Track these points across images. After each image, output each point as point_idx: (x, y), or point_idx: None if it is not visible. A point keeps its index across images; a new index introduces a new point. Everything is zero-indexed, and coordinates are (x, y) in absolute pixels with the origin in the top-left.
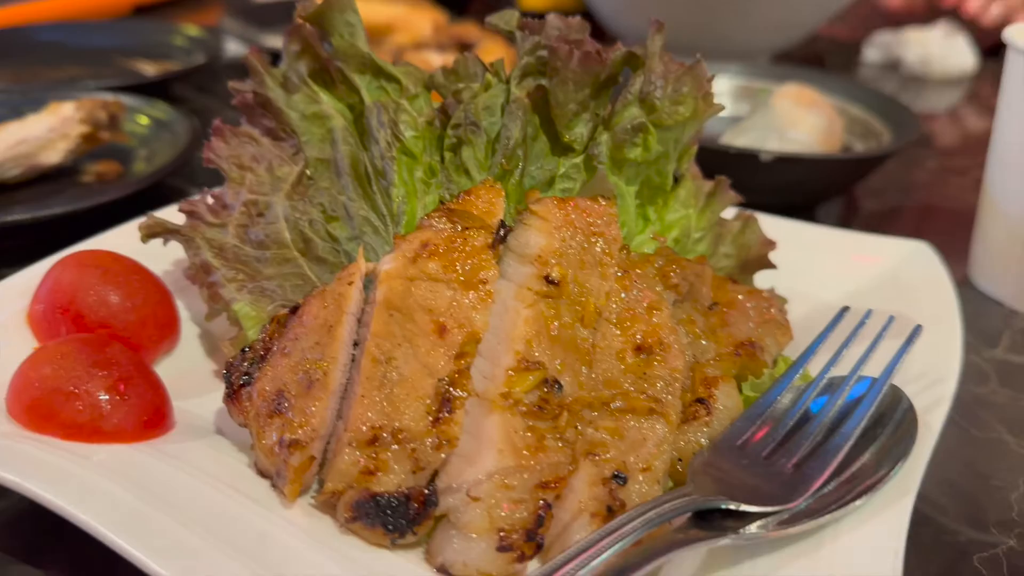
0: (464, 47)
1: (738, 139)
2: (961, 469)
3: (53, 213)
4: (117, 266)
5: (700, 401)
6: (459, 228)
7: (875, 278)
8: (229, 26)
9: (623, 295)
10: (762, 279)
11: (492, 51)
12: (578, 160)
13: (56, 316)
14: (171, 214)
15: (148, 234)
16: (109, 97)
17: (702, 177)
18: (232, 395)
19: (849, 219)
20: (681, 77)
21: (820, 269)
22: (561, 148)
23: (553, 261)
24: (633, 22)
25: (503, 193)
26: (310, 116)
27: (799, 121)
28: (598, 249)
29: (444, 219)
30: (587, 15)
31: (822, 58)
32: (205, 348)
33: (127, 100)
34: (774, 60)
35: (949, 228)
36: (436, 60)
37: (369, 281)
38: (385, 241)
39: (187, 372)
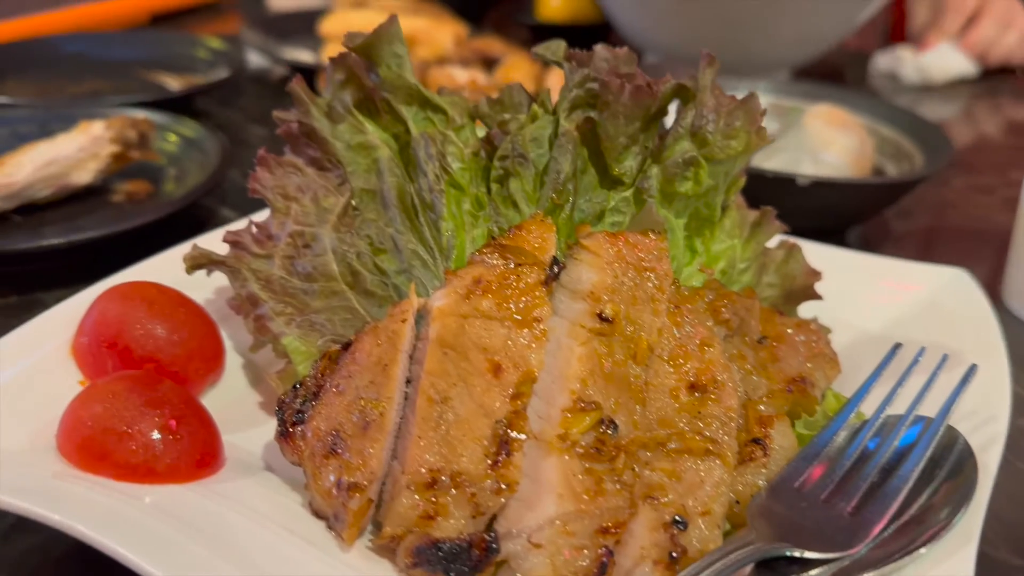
0: (488, 62)
1: (770, 160)
2: (1005, 502)
3: (88, 237)
4: (163, 298)
5: (756, 441)
6: (512, 264)
7: (914, 307)
8: (249, 37)
9: (675, 331)
10: (801, 308)
11: (517, 66)
12: (628, 193)
13: (102, 350)
14: (212, 242)
15: (193, 265)
16: (138, 115)
17: (746, 206)
18: (285, 434)
19: (879, 241)
20: (733, 111)
21: (858, 297)
22: (610, 181)
23: (606, 298)
24: (654, 34)
25: (554, 228)
26: (355, 146)
27: (831, 142)
28: (650, 285)
29: (496, 255)
30: (606, 26)
31: (840, 70)
32: (249, 378)
33: (155, 117)
34: (794, 74)
35: (977, 248)
36: (460, 76)
37: (420, 317)
38: (434, 275)
39: (232, 404)
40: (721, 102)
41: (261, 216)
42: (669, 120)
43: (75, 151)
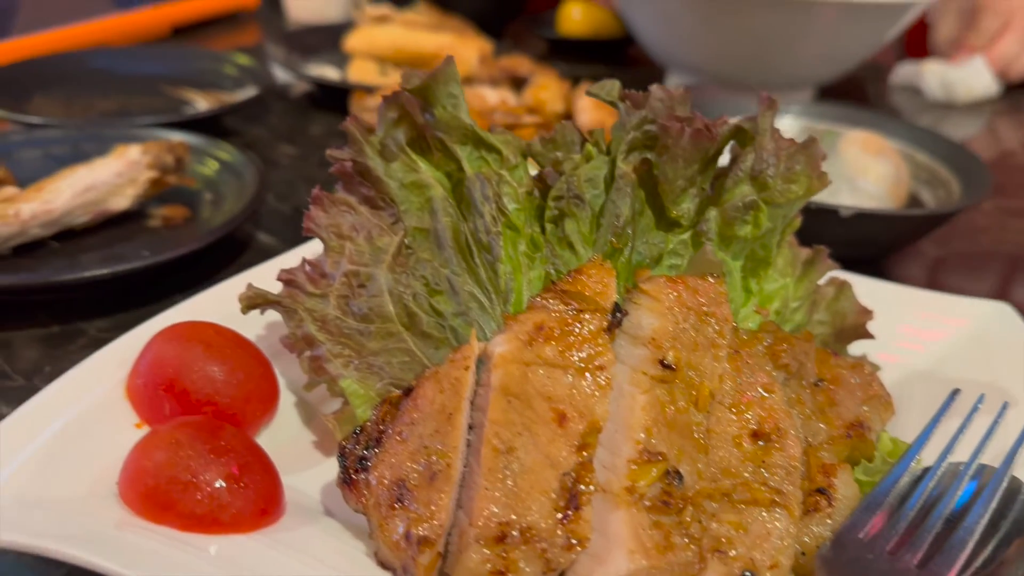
0: (516, 81)
1: None
2: None
3: (133, 267)
4: (220, 339)
5: (821, 491)
6: (573, 310)
7: (959, 342)
8: (272, 52)
9: (736, 377)
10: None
11: (545, 85)
12: (686, 236)
13: (159, 393)
14: (262, 276)
15: (249, 305)
16: (174, 138)
17: (797, 243)
18: (349, 481)
19: (914, 269)
20: (794, 154)
21: (902, 332)
22: (667, 223)
23: (668, 344)
24: (679, 52)
25: (615, 273)
26: (408, 184)
27: (868, 169)
28: (710, 330)
29: (557, 300)
30: (627, 40)
31: (860, 84)
32: (302, 416)
33: (191, 139)
34: (818, 91)
35: (1014, 274)
36: (491, 96)
37: (480, 362)
38: (492, 318)
39: (287, 444)
40: (780, 145)
41: (313, 253)
42: (723, 158)
43: (112, 177)
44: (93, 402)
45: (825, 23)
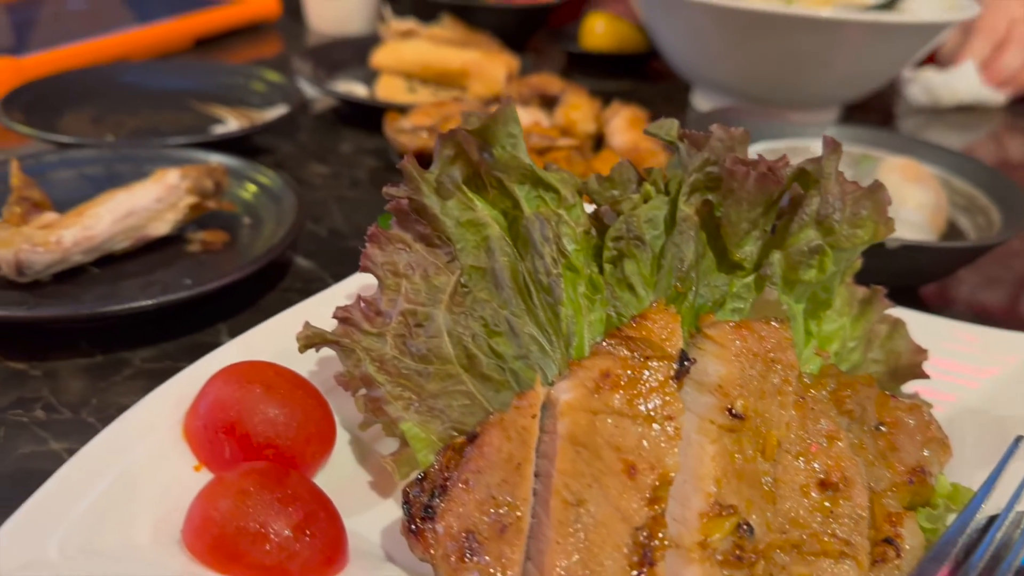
0: (546, 100)
1: None
2: None
3: (178, 298)
4: (280, 381)
5: (888, 541)
6: (640, 357)
7: (1010, 378)
8: (299, 67)
9: (801, 424)
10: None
11: (577, 105)
12: (749, 279)
13: (220, 436)
14: (314, 310)
15: (306, 345)
16: (213, 162)
17: (854, 282)
18: (415, 530)
19: (952, 297)
20: (860, 199)
21: (950, 368)
22: (729, 265)
23: (735, 392)
24: (706, 70)
25: (679, 318)
26: (465, 223)
27: (908, 198)
28: (776, 377)
29: (623, 346)
30: (650, 55)
31: (885, 100)
32: (356, 455)
33: (229, 162)
34: (843, 109)
35: None
36: (523, 117)
37: (544, 408)
38: (553, 361)
39: (344, 485)
40: (846, 189)
41: (358, 285)
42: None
43: (152, 202)
44: (152, 445)
45: (855, 43)
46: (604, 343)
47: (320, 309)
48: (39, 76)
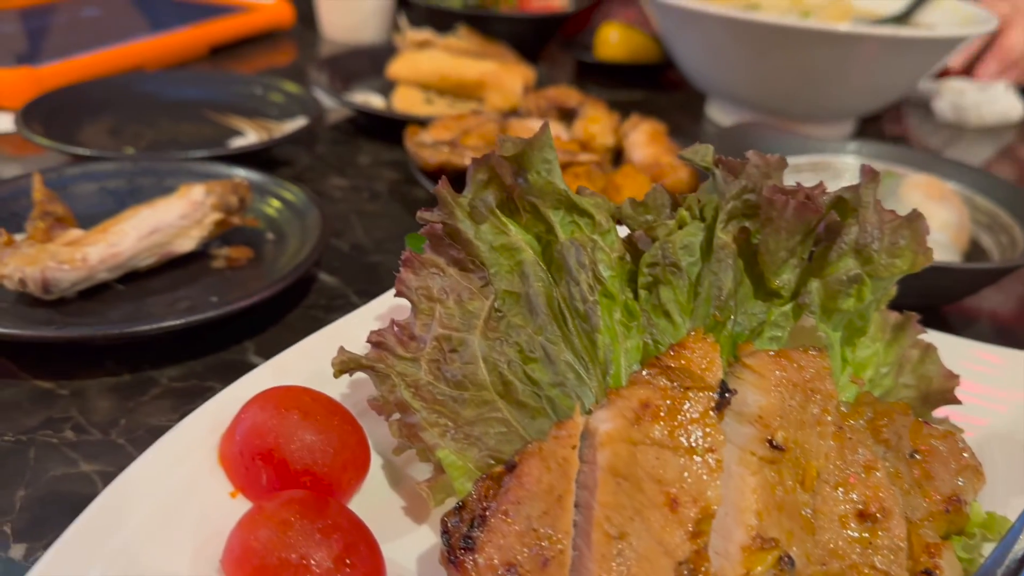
0: (564, 112)
1: None
2: None
3: (207, 318)
4: (316, 406)
5: (927, 573)
6: (680, 388)
7: None
8: (315, 78)
9: (840, 454)
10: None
11: (595, 118)
12: (787, 308)
13: (257, 463)
14: (345, 332)
15: (342, 370)
16: (237, 177)
17: (886, 307)
18: (455, 561)
19: (974, 314)
20: (898, 228)
21: (977, 390)
22: (765, 293)
23: (775, 423)
24: (723, 83)
25: (718, 348)
26: (498, 247)
27: (932, 216)
28: (815, 407)
29: (662, 376)
30: (665, 65)
31: (899, 111)
32: (388, 479)
33: (254, 177)
34: (858, 122)
35: None
36: None
37: (582, 437)
38: (589, 388)
39: (378, 511)
40: (884, 218)
41: (386, 305)
42: None
43: (177, 219)
44: (188, 471)
45: (871, 57)
46: (643, 372)
47: (350, 330)
48: (56, 86)
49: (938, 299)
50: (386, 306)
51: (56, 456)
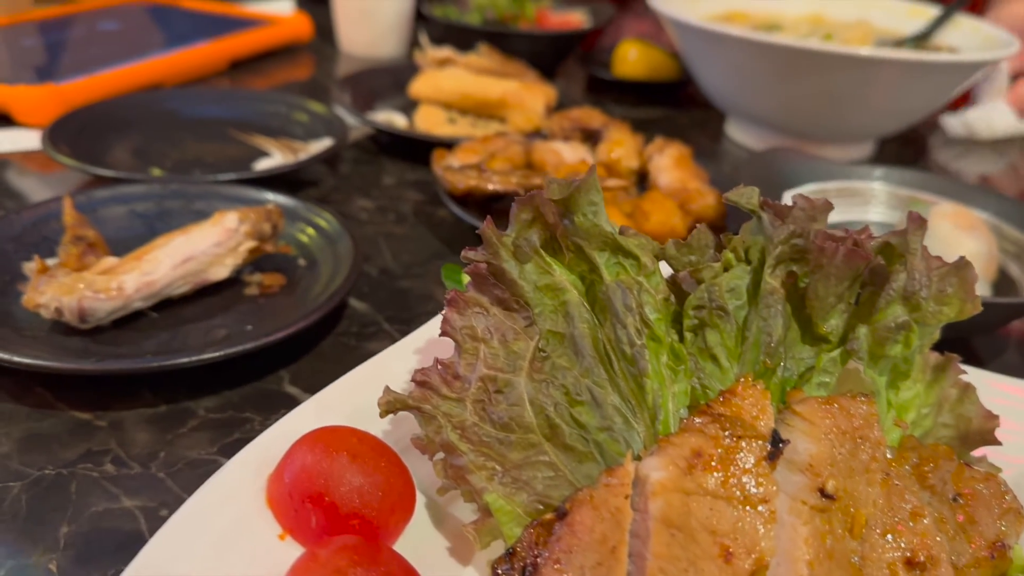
0: (588, 134)
1: None
2: None
3: (245, 349)
4: (364, 448)
5: None
6: (732, 436)
7: None
8: (337, 97)
9: (887, 501)
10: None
11: (619, 141)
12: (835, 354)
13: (306, 506)
14: (384, 368)
15: (387, 411)
16: (270, 204)
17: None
18: None
19: (1002, 345)
20: (946, 276)
21: (1013, 427)
22: (813, 338)
23: (826, 471)
24: (744, 103)
25: (769, 395)
26: (543, 287)
27: (961, 247)
28: (864, 455)
29: (714, 425)
30: (683, 83)
31: (917, 130)
32: (432, 518)
33: (289, 202)
34: (878, 143)
35: None
36: (567, 153)
37: (633, 484)
38: (637, 433)
39: (423, 551)
40: (932, 265)
41: (424, 339)
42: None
43: (212, 247)
44: (237, 514)
45: (893, 80)
46: (695, 420)
47: (390, 365)
48: (79, 103)
49: (968, 332)
50: (423, 339)
51: (97, 490)
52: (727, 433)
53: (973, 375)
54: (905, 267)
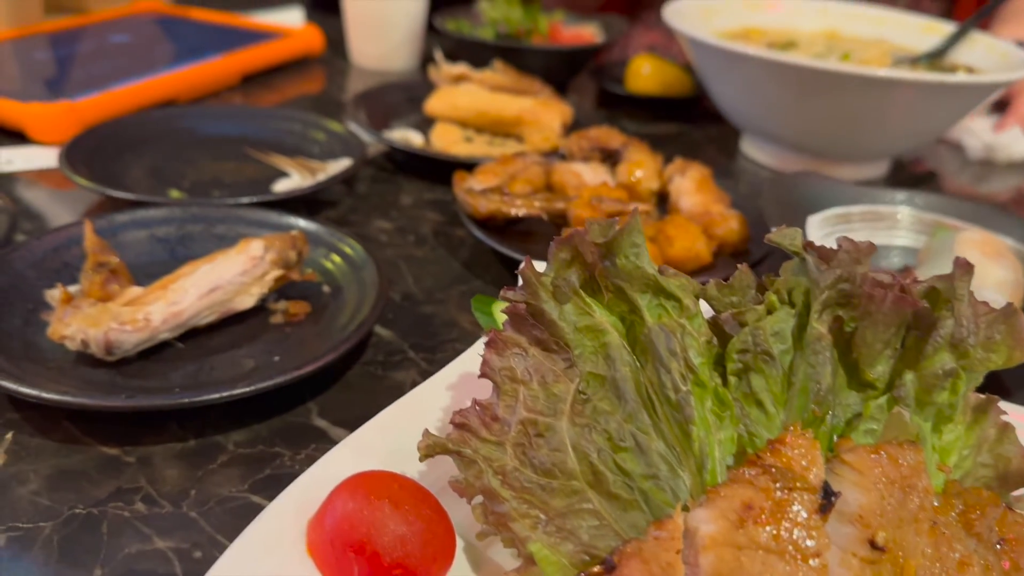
0: (607, 154)
1: None
2: None
3: (276, 384)
4: (405, 494)
5: None
6: (783, 489)
7: None
8: (353, 115)
9: (935, 550)
10: None
11: (639, 162)
12: (882, 400)
13: (348, 555)
14: (422, 407)
15: (427, 455)
16: (295, 231)
17: None
18: None
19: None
20: (993, 323)
21: None
22: (859, 384)
23: (876, 522)
24: (761, 122)
25: (819, 445)
26: (582, 328)
27: (987, 275)
28: (913, 504)
29: (765, 476)
30: (696, 99)
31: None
32: (470, 562)
33: (314, 228)
34: (893, 162)
35: None
36: (588, 175)
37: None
38: (683, 482)
39: None
40: (979, 311)
41: (457, 374)
42: None
43: (237, 275)
44: (278, 562)
45: (910, 101)
46: (744, 471)
47: (424, 402)
48: (94, 120)
49: None
50: (455, 375)
51: (129, 531)
52: (778, 485)
53: (1008, 409)
54: (952, 313)
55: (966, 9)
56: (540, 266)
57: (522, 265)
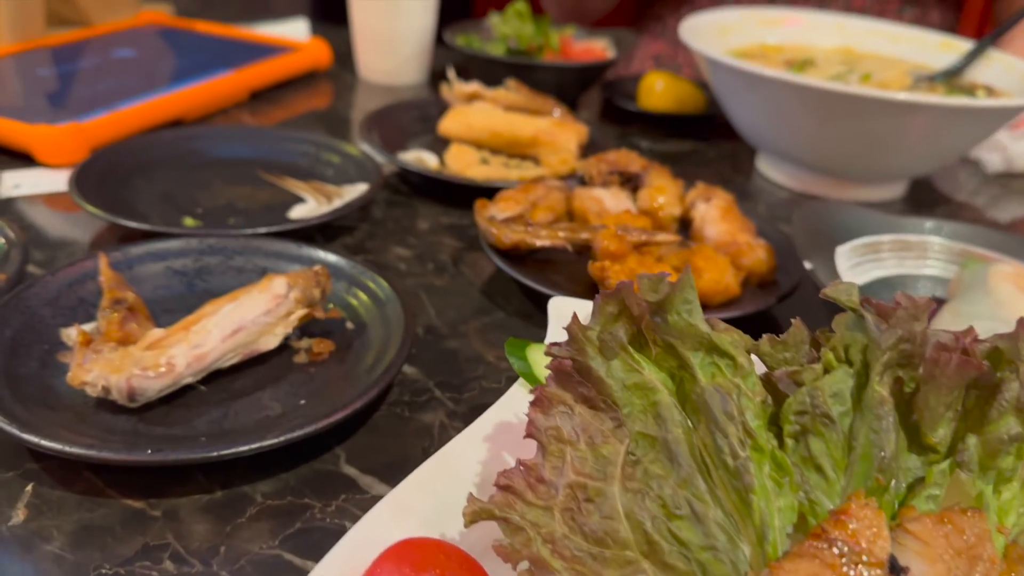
0: (626, 178)
1: (957, 325)
2: None
3: (305, 434)
4: (449, 562)
5: None
6: (849, 563)
7: None
8: (366, 136)
9: None
10: None
11: (661, 188)
12: (944, 465)
13: None
14: (460, 462)
15: (473, 520)
16: (317, 266)
17: None
18: None
19: None
20: None
21: None
22: (920, 448)
23: None
24: (779, 143)
25: (883, 516)
26: (631, 386)
27: (1022, 310)
28: (978, 574)
29: (829, 550)
30: (710, 117)
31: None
32: None
33: (339, 263)
34: (910, 183)
35: None
36: (610, 202)
37: None
38: (742, 552)
39: None
40: None
41: (493, 424)
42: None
43: (261, 315)
44: None
45: (930, 124)
46: (808, 544)
47: (461, 456)
48: (102, 141)
49: None
50: (490, 426)
51: None
52: (844, 560)
53: None
54: (1016, 375)
55: (970, 21)
56: (568, 303)
57: (569, 322)
